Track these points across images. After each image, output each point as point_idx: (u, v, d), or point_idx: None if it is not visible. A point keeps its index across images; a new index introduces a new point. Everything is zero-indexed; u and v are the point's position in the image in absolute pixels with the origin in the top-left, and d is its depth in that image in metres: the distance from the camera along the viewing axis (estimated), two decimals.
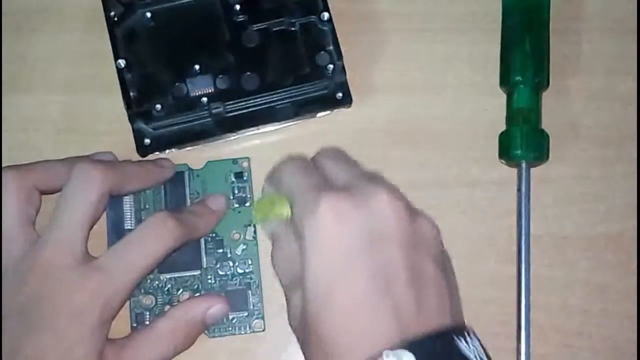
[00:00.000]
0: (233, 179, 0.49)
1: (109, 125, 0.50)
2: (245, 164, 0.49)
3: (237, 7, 0.49)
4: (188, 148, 0.50)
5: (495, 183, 0.50)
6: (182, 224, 0.44)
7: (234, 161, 0.49)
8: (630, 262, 0.49)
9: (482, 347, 0.36)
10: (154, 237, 0.43)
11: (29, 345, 0.41)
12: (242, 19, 0.49)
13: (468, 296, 0.48)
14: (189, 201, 0.49)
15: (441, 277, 0.38)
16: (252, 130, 0.50)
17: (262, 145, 0.50)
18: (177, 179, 0.49)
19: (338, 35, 0.49)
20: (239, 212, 0.49)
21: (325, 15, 0.49)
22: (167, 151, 0.49)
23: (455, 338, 0.35)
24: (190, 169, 0.49)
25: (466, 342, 0.35)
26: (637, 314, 0.48)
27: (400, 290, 0.36)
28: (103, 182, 0.44)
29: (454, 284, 0.40)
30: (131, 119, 0.48)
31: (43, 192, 0.46)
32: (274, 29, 0.50)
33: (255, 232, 0.49)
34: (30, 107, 0.51)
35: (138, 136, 0.49)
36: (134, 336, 0.45)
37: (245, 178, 0.49)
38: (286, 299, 0.41)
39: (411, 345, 0.34)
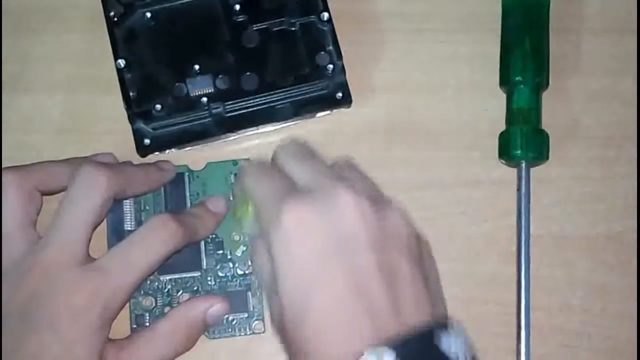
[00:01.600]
0: (233, 180, 0.49)
1: (109, 125, 0.50)
2: (242, 164, 0.49)
3: (237, 7, 0.49)
4: (188, 148, 0.50)
5: (495, 183, 0.50)
6: (183, 226, 0.44)
7: (234, 162, 0.49)
8: (630, 262, 0.49)
9: (466, 341, 0.36)
10: (155, 238, 0.43)
11: (29, 345, 0.41)
12: (242, 19, 0.49)
13: (468, 296, 0.49)
14: (189, 203, 0.49)
15: (416, 272, 0.37)
16: (252, 131, 0.50)
17: (262, 145, 0.50)
18: (177, 180, 0.49)
19: (338, 35, 0.49)
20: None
21: (325, 15, 0.49)
22: (167, 151, 0.49)
23: (435, 336, 0.35)
24: (190, 171, 0.49)
25: (447, 337, 0.35)
26: (637, 314, 0.48)
27: (372, 289, 0.36)
28: (108, 186, 0.44)
29: (434, 274, 0.40)
30: (131, 119, 0.48)
31: (44, 193, 0.46)
32: (274, 29, 0.50)
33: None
34: (30, 107, 0.51)
35: (138, 136, 0.49)
36: (134, 337, 0.44)
37: None
38: (268, 303, 0.41)
39: (389, 344, 0.34)
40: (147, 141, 0.49)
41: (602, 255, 0.49)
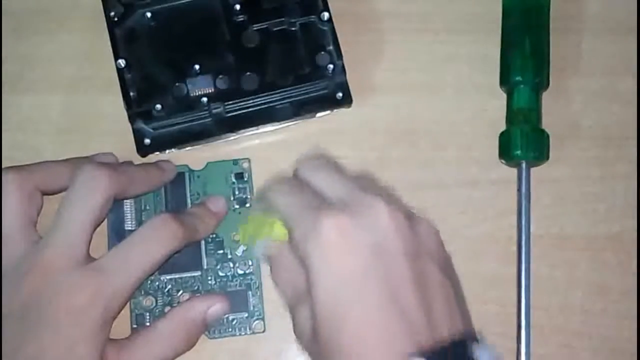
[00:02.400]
0: (233, 180, 0.49)
1: (109, 125, 0.50)
2: (245, 165, 0.49)
3: (237, 7, 0.49)
4: (188, 148, 0.50)
5: (495, 183, 0.50)
6: (183, 226, 0.44)
7: (235, 162, 0.49)
8: (630, 262, 0.49)
9: (495, 353, 0.37)
10: (156, 238, 0.43)
11: (29, 345, 0.41)
12: (242, 19, 0.49)
13: (468, 296, 0.48)
14: (189, 202, 0.49)
15: (447, 283, 0.38)
16: (252, 130, 0.50)
17: (262, 145, 0.50)
18: (178, 180, 0.49)
19: (338, 35, 0.49)
20: (240, 213, 0.49)
21: (325, 15, 0.49)
22: (167, 151, 0.49)
23: (468, 347, 0.36)
24: (190, 170, 0.49)
25: (478, 350, 0.36)
26: (637, 314, 0.48)
27: (410, 302, 0.36)
28: (109, 186, 0.44)
29: (459, 288, 0.40)
30: (131, 119, 0.48)
31: (45, 193, 0.46)
32: (274, 29, 0.50)
33: None
34: (30, 107, 0.51)
35: (138, 136, 0.49)
36: (135, 337, 0.44)
37: (245, 179, 0.49)
38: (292, 315, 0.40)
39: (426, 354, 0.34)
40: (147, 141, 0.49)
41: (602, 255, 0.49)
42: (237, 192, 0.49)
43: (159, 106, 0.48)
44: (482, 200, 0.50)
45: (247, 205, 0.49)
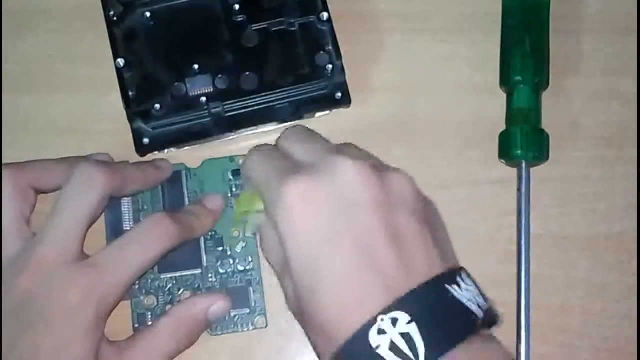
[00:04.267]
0: (230, 177, 0.49)
1: (109, 125, 0.50)
2: (241, 161, 0.49)
3: (237, 6, 0.49)
4: (187, 148, 0.50)
5: (495, 183, 0.50)
6: (179, 224, 0.44)
7: (231, 159, 0.49)
8: (630, 262, 0.49)
9: (478, 287, 0.37)
10: (151, 236, 0.43)
11: (24, 343, 0.40)
12: (241, 19, 0.49)
13: None
14: (187, 200, 0.49)
15: (423, 229, 0.37)
16: (251, 130, 0.50)
17: None
18: (175, 178, 0.49)
19: (337, 35, 0.49)
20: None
21: (325, 15, 0.49)
22: (166, 151, 0.49)
23: (447, 285, 0.35)
24: (187, 169, 0.49)
25: (459, 285, 0.35)
26: (637, 314, 0.48)
27: (382, 253, 0.36)
28: (105, 184, 0.44)
29: (442, 231, 0.40)
30: (130, 119, 0.48)
31: (39, 191, 0.46)
32: (274, 29, 0.50)
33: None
34: (30, 107, 0.51)
35: (137, 136, 0.49)
36: (136, 337, 0.44)
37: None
38: (281, 285, 0.41)
39: (402, 304, 0.34)
40: (146, 141, 0.49)
41: (602, 255, 0.49)
42: (234, 189, 0.49)
43: (158, 106, 0.48)
44: (482, 200, 0.50)
45: None
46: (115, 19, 0.49)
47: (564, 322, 0.48)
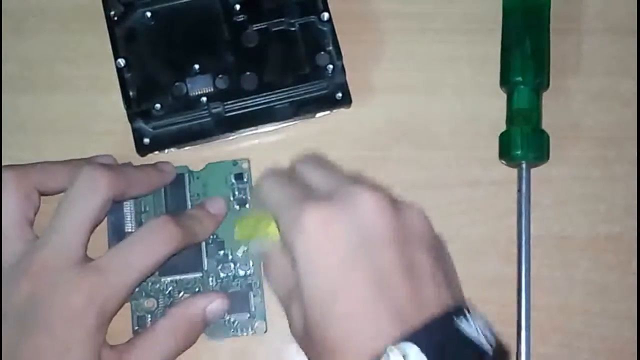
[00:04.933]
0: (233, 181, 0.49)
1: (109, 125, 0.50)
2: (245, 165, 0.49)
3: (237, 6, 0.49)
4: (187, 148, 0.50)
5: (495, 183, 0.50)
6: (182, 228, 0.44)
7: (234, 163, 0.49)
8: (630, 262, 0.49)
9: (486, 322, 0.37)
10: (154, 240, 0.43)
11: (25, 347, 0.40)
12: (241, 19, 0.49)
13: (468, 296, 0.48)
14: (189, 203, 0.49)
15: (435, 265, 0.38)
16: (252, 130, 0.50)
17: (261, 145, 0.50)
18: (177, 181, 0.49)
19: (338, 35, 0.49)
20: (240, 213, 0.49)
21: (325, 15, 0.49)
22: (166, 151, 0.49)
23: (455, 319, 0.35)
24: (190, 171, 0.49)
25: (467, 320, 0.35)
26: (637, 314, 0.48)
27: (395, 286, 0.36)
28: (109, 188, 0.44)
29: (451, 267, 0.40)
30: (131, 119, 0.48)
31: (42, 193, 0.45)
32: (274, 29, 0.50)
33: None
34: (30, 107, 0.51)
35: (137, 136, 0.49)
36: (135, 339, 0.44)
37: (245, 179, 0.49)
38: (285, 312, 0.41)
39: (412, 336, 0.34)
40: (146, 140, 0.49)
41: (602, 255, 0.49)
42: (237, 193, 0.49)
43: (158, 106, 0.48)
44: (482, 200, 0.50)
45: (248, 205, 0.49)
46: (115, 19, 0.49)
47: (564, 322, 0.49)
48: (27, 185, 0.44)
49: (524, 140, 0.48)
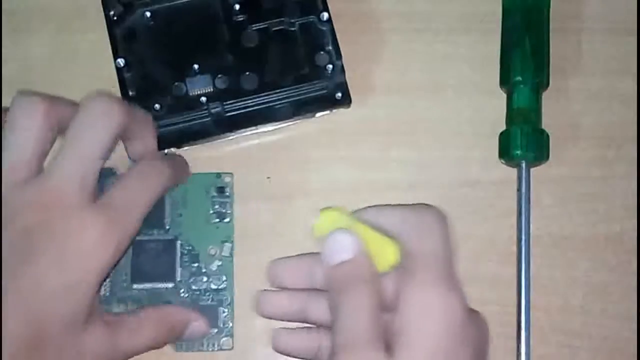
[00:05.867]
0: (214, 193, 0.49)
1: None
2: (228, 179, 0.49)
3: (237, 6, 0.49)
4: (187, 148, 0.49)
5: (495, 183, 0.50)
6: (169, 163, 0.45)
7: (218, 175, 0.49)
8: (630, 262, 0.49)
9: None
10: (151, 174, 0.43)
11: (27, 274, 0.38)
12: (241, 19, 0.49)
13: (468, 296, 0.48)
14: (167, 214, 0.48)
15: None
16: (251, 130, 0.50)
17: (261, 145, 0.50)
18: None
19: (338, 35, 0.49)
20: (217, 227, 0.48)
21: (325, 15, 0.49)
22: (166, 151, 0.49)
23: None
24: None
25: None
26: (637, 314, 0.48)
27: None
28: (122, 115, 0.42)
29: None
30: None
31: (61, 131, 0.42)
32: (274, 29, 0.49)
33: (232, 248, 0.48)
34: None
35: None
36: (123, 318, 0.43)
37: (227, 193, 0.49)
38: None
39: None
40: None
41: (602, 255, 0.49)
42: (216, 206, 0.49)
43: (157, 105, 0.48)
44: (482, 200, 0.50)
45: (227, 220, 0.48)
46: (115, 19, 0.49)
47: (564, 322, 0.48)
48: (54, 118, 0.41)
49: (524, 140, 0.48)
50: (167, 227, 0.48)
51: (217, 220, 0.48)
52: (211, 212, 0.48)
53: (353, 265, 0.38)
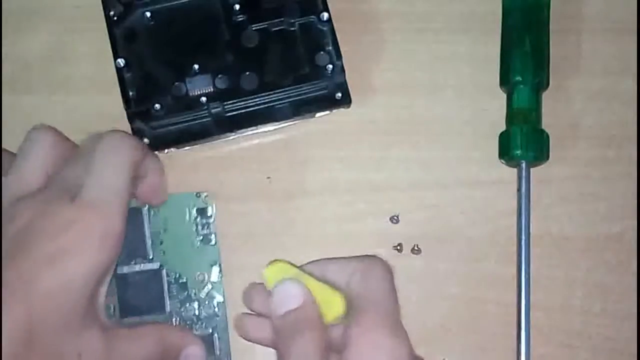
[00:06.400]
0: (195, 214, 0.47)
1: (109, 125, 0.49)
2: (208, 198, 0.47)
3: (237, 6, 0.49)
4: (187, 148, 0.50)
5: (495, 183, 0.50)
6: (136, 139, 0.44)
7: (197, 194, 0.47)
8: (630, 262, 0.49)
9: None
10: (118, 150, 0.42)
11: (19, 274, 0.38)
12: (241, 19, 0.49)
13: (468, 296, 0.49)
14: (148, 240, 0.47)
15: None
16: (252, 130, 0.50)
17: (261, 145, 0.50)
18: (135, 215, 0.46)
19: (338, 35, 0.49)
20: (203, 251, 0.47)
21: (325, 15, 0.49)
22: (166, 151, 0.49)
23: None
24: (148, 206, 0.47)
25: None
26: (637, 314, 0.48)
27: None
28: (134, 153, 0.42)
29: None
30: (130, 119, 0.48)
31: None
32: (274, 29, 0.49)
33: (220, 271, 0.47)
34: (30, 107, 0.51)
35: (137, 136, 0.49)
36: (123, 329, 0.43)
37: (209, 214, 0.47)
38: None
39: None
40: (146, 140, 0.49)
41: (602, 255, 0.49)
42: (200, 228, 0.47)
43: (158, 106, 0.48)
44: (482, 200, 0.50)
45: (212, 242, 0.47)
46: (115, 19, 0.49)
47: (564, 322, 0.49)
48: (58, 152, 0.43)
49: (524, 140, 0.48)
50: (151, 257, 0.47)
51: (202, 243, 0.47)
52: (195, 236, 0.47)
53: (301, 312, 0.40)
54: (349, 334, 0.38)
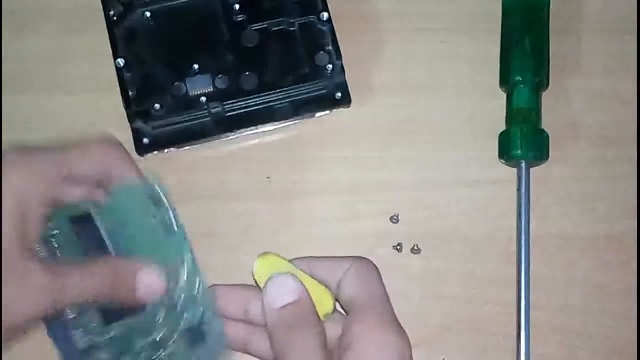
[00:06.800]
0: (151, 205, 0.41)
1: (109, 125, 0.50)
2: (158, 187, 0.41)
3: (237, 6, 0.49)
4: (187, 148, 0.50)
5: (495, 183, 0.50)
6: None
7: (145, 184, 0.41)
8: (630, 262, 0.49)
9: None
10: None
11: None
12: (241, 19, 0.49)
13: (468, 296, 0.49)
14: (108, 242, 0.42)
15: None
16: (251, 130, 0.50)
17: (261, 145, 0.50)
18: (85, 220, 0.41)
19: (338, 35, 0.49)
20: (168, 241, 0.41)
21: (325, 15, 0.49)
22: (166, 151, 0.49)
23: None
24: (95, 206, 0.41)
25: None
26: (637, 314, 0.48)
27: None
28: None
29: None
30: (130, 119, 0.49)
31: None
32: (274, 29, 0.50)
33: (193, 257, 0.42)
34: (30, 107, 0.51)
35: (137, 136, 0.49)
36: (72, 268, 0.39)
37: (165, 205, 0.41)
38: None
39: None
40: (146, 140, 0.49)
41: (602, 255, 0.49)
42: (159, 217, 0.41)
43: (158, 106, 0.48)
44: (482, 200, 0.50)
45: (175, 229, 0.41)
46: (115, 19, 0.49)
47: (564, 322, 0.48)
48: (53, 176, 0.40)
49: (524, 140, 0.48)
50: (114, 255, 0.42)
51: (165, 234, 0.42)
52: (156, 226, 0.41)
53: (299, 307, 0.39)
54: (352, 333, 0.38)
